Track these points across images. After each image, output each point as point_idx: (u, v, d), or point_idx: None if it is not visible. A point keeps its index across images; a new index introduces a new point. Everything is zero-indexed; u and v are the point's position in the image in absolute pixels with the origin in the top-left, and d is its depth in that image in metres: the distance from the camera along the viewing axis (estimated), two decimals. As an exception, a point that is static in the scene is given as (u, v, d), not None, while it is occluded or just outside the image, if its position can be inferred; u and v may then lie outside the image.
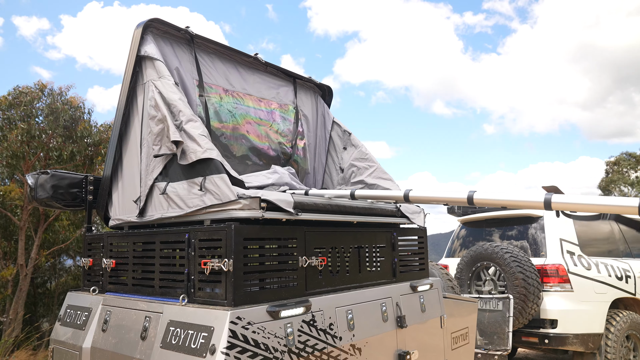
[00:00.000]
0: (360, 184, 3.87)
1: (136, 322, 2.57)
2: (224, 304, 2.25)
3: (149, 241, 2.75)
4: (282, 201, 2.46)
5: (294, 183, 3.40)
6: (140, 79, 3.06)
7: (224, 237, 2.31)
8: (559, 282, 5.37)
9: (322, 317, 2.57)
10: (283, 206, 2.45)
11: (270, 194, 2.43)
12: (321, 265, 2.72)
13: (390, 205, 3.39)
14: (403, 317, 3.13)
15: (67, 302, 3.19)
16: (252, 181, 3.05)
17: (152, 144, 2.80)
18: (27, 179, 3.14)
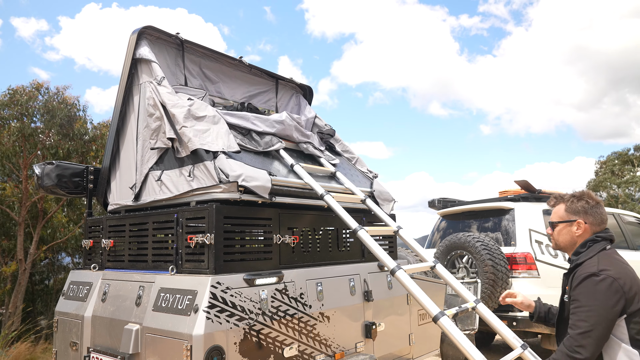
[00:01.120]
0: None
1: (131, 291, 2.95)
2: (206, 272, 2.64)
3: (142, 222, 3.14)
4: (260, 187, 2.85)
5: (296, 136, 3.76)
6: (136, 80, 3.45)
7: (206, 216, 2.70)
8: (526, 269, 5.77)
9: (294, 287, 2.96)
10: (259, 192, 2.84)
11: (252, 177, 2.81)
12: (293, 243, 3.11)
13: (364, 190, 3.79)
14: (370, 291, 3.51)
15: (70, 279, 3.57)
16: (259, 125, 3.46)
17: (148, 138, 3.19)
18: (35, 169, 3.52)
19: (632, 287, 2.02)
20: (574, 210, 2.26)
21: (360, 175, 4.13)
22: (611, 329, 2.03)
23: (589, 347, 1.99)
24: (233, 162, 2.83)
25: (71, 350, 3.27)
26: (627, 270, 2.08)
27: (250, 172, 2.81)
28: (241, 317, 2.59)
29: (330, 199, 3.11)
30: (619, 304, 2.00)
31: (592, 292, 2.02)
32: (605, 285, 2.00)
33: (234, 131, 3.30)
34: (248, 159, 3.08)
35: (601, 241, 2.20)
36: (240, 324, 2.57)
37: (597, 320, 1.99)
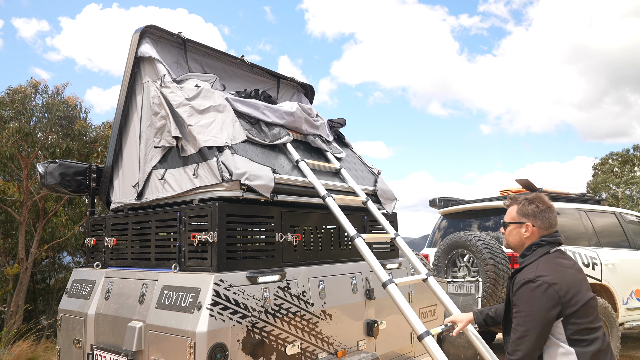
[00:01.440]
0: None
1: (135, 289, 2.96)
2: (209, 269, 2.66)
3: (145, 220, 3.16)
4: (262, 187, 2.86)
5: (305, 128, 3.75)
6: (139, 79, 3.46)
7: (209, 214, 2.71)
8: (528, 268, 5.77)
9: (296, 285, 2.97)
10: (262, 191, 2.85)
11: (256, 176, 2.81)
12: (296, 241, 3.12)
13: (367, 188, 3.80)
14: (372, 290, 3.53)
15: (73, 277, 3.59)
16: (269, 115, 3.47)
17: (152, 137, 3.20)
18: (38, 168, 3.53)
19: (569, 291, 2.09)
20: (524, 212, 2.32)
21: (365, 171, 4.12)
22: (548, 332, 2.12)
23: (525, 349, 2.10)
24: (238, 159, 2.83)
25: (75, 347, 3.29)
26: (565, 275, 2.13)
27: (255, 170, 2.81)
28: (244, 314, 2.60)
29: (331, 202, 3.11)
30: (554, 309, 2.08)
31: (529, 298, 2.11)
32: (540, 292, 2.08)
33: (243, 120, 3.29)
34: (253, 152, 3.09)
35: (546, 245, 2.25)
36: (243, 321, 2.58)
37: (533, 325, 2.09)
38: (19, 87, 12.22)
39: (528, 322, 2.09)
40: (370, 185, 3.93)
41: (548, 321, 2.08)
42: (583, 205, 6.91)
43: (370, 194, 3.81)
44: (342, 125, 4.28)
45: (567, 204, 6.71)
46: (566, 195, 7.02)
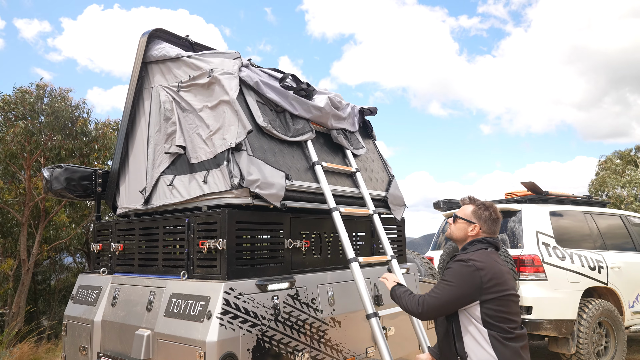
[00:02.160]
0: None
1: (142, 296, 2.93)
2: (218, 277, 2.62)
3: (153, 226, 3.12)
4: (272, 196, 2.80)
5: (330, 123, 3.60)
6: (147, 83, 3.43)
7: (219, 221, 2.68)
8: (534, 272, 5.74)
9: (305, 292, 2.94)
10: (271, 200, 2.80)
11: (267, 184, 2.75)
12: (305, 247, 3.08)
13: (378, 194, 3.77)
14: (380, 296, 3.49)
15: (78, 283, 3.55)
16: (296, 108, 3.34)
17: (162, 142, 3.17)
18: (43, 172, 3.50)
19: (492, 279, 2.30)
20: (478, 215, 2.55)
21: (381, 170, 4.06)
22: (456, 307, 2.35)
23: (429, 307, 2.38)
24: (254, 162, 2.77)
25: (80, 354, 3.26)
26: (493, 266, 2.36)
27: (268, 177, 2.75)
28: (254, 323, 2.57)
29: (337, 217, 3.09)
30: (473, 290, 2.29)
31: (456, 272, 2.36)
32: (468, 271, 2.32)
33: (268, 107, 3.20)
34: (271, 147, 3.03)
35: (486, 243, 2.49)
36: (253, 330, 2.55)
37: (448, 293, 2.33)
38: (26, 88, 12.21)
39: (446, 289, 2.34)
40: (382, 189, 3.89)
41: (462, 297, 2.31)
42: (588, 208, 6.87)
43: (380, 199, 3.77)
44: (373, 113, 4.13)
45: (572, 207, 6.68)
46: (571, 197, 6.99)
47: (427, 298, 2.41)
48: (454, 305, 2.35)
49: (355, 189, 3.54)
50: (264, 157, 2.91)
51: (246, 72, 3.10)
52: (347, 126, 3.81)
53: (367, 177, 3.73)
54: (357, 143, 3.89)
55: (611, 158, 26.14)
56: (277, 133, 3.12)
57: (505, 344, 2.28)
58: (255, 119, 3.03)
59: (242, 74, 3.04)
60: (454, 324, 2.40)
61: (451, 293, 2.32)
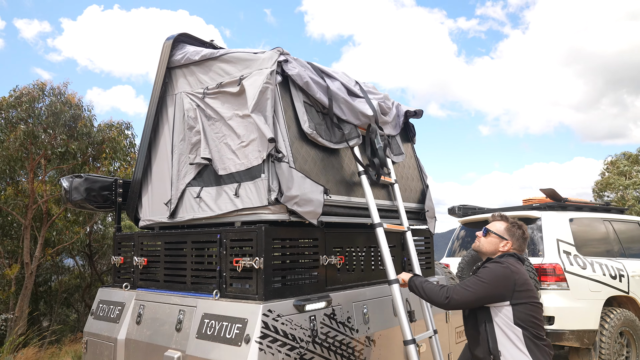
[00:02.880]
0: None
1: (170, 315, 2.79)
2: (255, 298, 2.49)
3: (180, 241, 2.98)
4: (310, 213, 2.63)
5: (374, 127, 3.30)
6: (170, 90, 3.29)
7: (254, 238, 2.54)
8: (555, 281, 5.61)
9: (341, 311, 2.80)
10: (308, 218, 2.63)
11: (306, 201, 2.58)
12: (339, 263, 2.95)
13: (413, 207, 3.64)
14: (412, 312, 3.36)
15: (99, 298, 3.41)
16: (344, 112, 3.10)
17: (187, 152, 3.03)
18: (62, 182, 3.36)
19: (524, 285, 2.44)
20: (511, 232, 2.66)
21: (417, 179, 3.89)
22: (485, 302, 2.46)
23: (460, 300, 2.47)
24: (294, 175, 2.59)
25: (102, 373, 3.12)
26: (526, 275, 2.50)
27: (307, 192, 2.59)
28: (292, 346, 2.44)
29: (380, 234, 2.95)
30: (504, 291, 2.41)
31: (491, 271, 2.46)
32: (503, 272, 2.44)
33: (315, 108, 2.97)
34: (312, 155, 2.84)
35: (516, 257, 2.59)
36: (291, 353, 2.42)
37: (480, 289, 2.43)
38: (25, 88, 12.04)
39: (479, 285, 2.44)
40: (416, 201, 3.74)
41: (494, 295, 2.42)
42: (607, 215, 6.76)
43: (413, 211, 3.64)
44: (418, 116, 3.89)
45: (591, 214, 6.56)
46: (590, 204, 6.88)
47: (457, 289, 2.50)
48: (482, 302, 2.47)
49: (388, 202, 3.40)
50: (305, 169, 2.74)
51: (297, 70, 2.84)
52: (389, 130, 3.57)
53: (402, 187, 3.59)
54: (397, 148, 3.68)
55: (619, 159, 25.96)
56: (322, 140, 2.90)
57: (538, 345, 2.39)
58: (301, 124, 2.82)
59: (292, 71, 2.81)
60: (487, 323, 2.49)
61: (484, 290, 2.43)
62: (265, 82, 2.71)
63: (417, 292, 2.70)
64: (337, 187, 2.98)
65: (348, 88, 3.26)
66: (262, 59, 2.81)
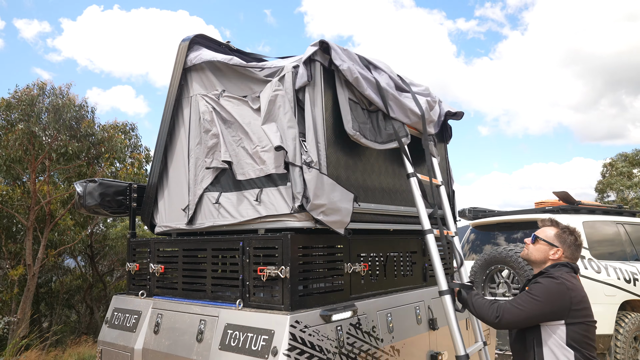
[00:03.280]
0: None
1: (190, 325, 2.71)
2: (280, 308, 2.40)
3: (200, 248, 2.90)
4: (336, 223, 2.50)
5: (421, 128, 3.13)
6: (186, 92, 3.21)
7: (280, 246, 2.46)
8: (570, 285, 5.54)
9: (367, 320, 2.72)
10: (334, 227, 2.50)
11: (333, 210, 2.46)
12: (364, 271, 2.87)
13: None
14: (435, 319, 3.28)
15: (113, 305, 3.33)
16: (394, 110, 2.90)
17: (203, 157, 2.94)
18: (76, 187, 3.28)
19: (581, 302, 2.24)
20: (562, 239, 2.45)
21: (445, 183, 3.71)
22: (537, 322, 2.27)
23: (510, 319, 2.28)
24: (324, 183, 2.45)
25: (118, 384, 3.04)
26: (582, 291, 2.30)
27: (336, 201, 2.47)
28: (320, 358, 2.35)
29: (431, 240, 2.77)
30: (559, 310, 2.22)
31: (545, 288, 2.25)
32: (558, 289, 2.24)
33: (361, 105, 2.76)
34: (347, 159, 2.71)
35: (570, 268, 2.39)
36: (319, 366, 2.33)
37: (533, 308, 2.24)
38: (25, 88, 11.95)
39: (532, 303, 2.24)
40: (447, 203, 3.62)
41: (547, 314, 2.23)
42: (620, 218, 6.68)
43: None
44: (458, 117, 3.63)
45: (604, 217, 6.48)
46: (602, 207, 6.80)
47: (507, 306, 2.31)
48: (535, 321, 2.28)
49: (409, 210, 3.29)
50: (337, 174, 2.62)
51: (347, 65, 2.64)
52: (431, 129, 3.37)
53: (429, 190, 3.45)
54: (435, 150, 3.49)
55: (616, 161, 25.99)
56: (366, 140, 2.69)
57: None
58: (344, 124, 2.62)
59: (343, 66, 2.60)
60: (535, 343, 2.32)
61: (537, 308, 2.24)
62: (274, 91, 2.62)
63: (466, 305, 2.53)
64: (366, 192, 2.88)
65: (395, 82, 3.05)
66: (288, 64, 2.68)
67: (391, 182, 3.16)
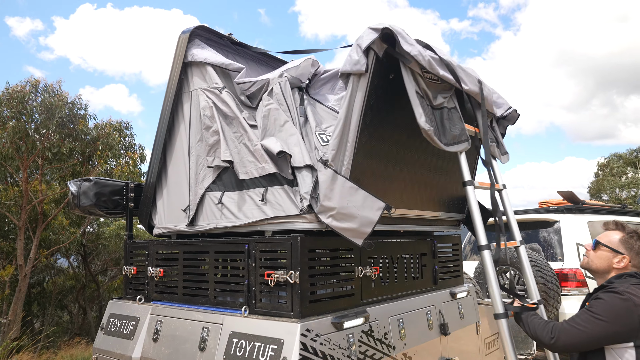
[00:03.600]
0: None
1: (192, 332, 2.55)
2: (289, 315, 2.26)
3: (202, 250, 2.75)
4: (351, 231, 2.24)
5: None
6: (186, 87, 3.05)
7: (289, 249, 2.31)
8: (576, 286, 5.43)
9: (378, 326, 2.58)
10: (348, 236, 2.24)
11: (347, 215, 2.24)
12: (374, 275, 2.73)
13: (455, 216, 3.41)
14: (446, 324, 3.15)
15: (109, 311, 3.17)
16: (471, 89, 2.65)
17: (204, 155, 2.79)
18: (70, 186, 3.11)
19: None
20: (629, 245, 2.20)
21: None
22: (601, 345, 2.03)
23: (568, 341, 2.06)
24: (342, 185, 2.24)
25: (115, 394, 2.88)
26: None
27: (351, 206, 2.22)
28: (331, 368, 2.21)
29: (488, 258, 2.57)
30: (628, 329, 1.96)
31: (607, 305, 2.01)
32: (623, 306, 1.97)
33: (426, 100, 2.41)
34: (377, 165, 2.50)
35: (638, 278, 2.13)
36: (331, 377, 2.19)
37: (594, 328, 2.00)
38: (17, 86, 11.71)
39: (594, 323, 2.00)
40: (457, 210, 3.48)
41: (611, 336, 1.98)
42: (624, 218, 6.59)
43: (452, 220, 3.42)
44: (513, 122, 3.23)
45: (608, 217, 6.39)
46: (606, 207, 6.71)
47: (565, 327, 2.09)
48: (597, 343, 2.02)
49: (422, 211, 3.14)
50: (362, 179, 2.40)
51: (418, 49, 2.30)
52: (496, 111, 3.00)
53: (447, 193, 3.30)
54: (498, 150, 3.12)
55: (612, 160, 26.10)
56: (437, 139, 2.37)
57: None
58: (417, 117, 2.31)
59: (413, 51, 2.26)
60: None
61: (599, 329, 1.99)
62: (266, 106, 2.54)
63: (522, 326, 2.32)
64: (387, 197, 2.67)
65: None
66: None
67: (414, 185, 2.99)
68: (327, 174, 2.24)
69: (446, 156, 3.09)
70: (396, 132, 2.62)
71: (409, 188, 2.84)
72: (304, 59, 2.90)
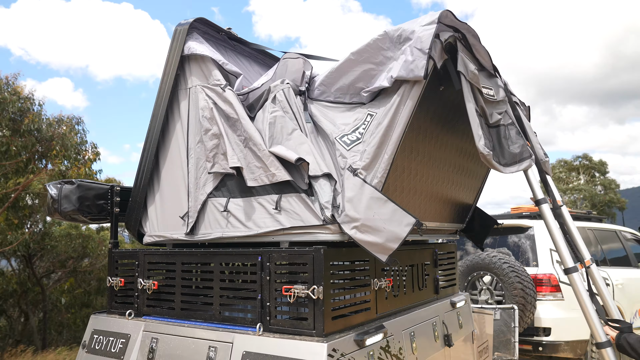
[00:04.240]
0: None
1: (196, 352, 2.34)
2: (312, 334, 2.09)
3: (205, 262, 2.53)
4: (375, 246, 2.07)
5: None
6: (183, 83, 2.82)
7: (310, 262, 2.14)
8: (550, 291, 5.55)
9: (394, 341, 2.47)
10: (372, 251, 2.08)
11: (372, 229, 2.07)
12: (388, 286, 2.61)
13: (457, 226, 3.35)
14: (450, 335, 3.08)
15: (92, 327, 2.87)
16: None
17: (204, 159, 2.58)
18: (49, 190, 2.80)
19: None
20: None
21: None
22: None
23: None
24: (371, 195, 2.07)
25: (101, 420, 2.61)
26: None
27: (377, 219, 2.06)
28: (356, 390, 2.07)
29: (579, 281, 2.50)
30: None
31: None
32: None
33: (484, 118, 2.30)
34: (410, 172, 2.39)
35: None
36: (355, 399, 2.05)
37: None
38: None
39: None
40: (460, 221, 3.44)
41: None
42: (589, 224, 6.83)
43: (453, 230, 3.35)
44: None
45: (577, 223, 6.59)
46: (572, 213, 6.93)
47: None
48: None
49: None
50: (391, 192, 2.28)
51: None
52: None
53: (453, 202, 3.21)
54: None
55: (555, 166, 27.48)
56: (495, 163, 2.25)
57: None
58: (476, 140, 2.20)
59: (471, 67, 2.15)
60: None
61: None
62: (271, 113, 2.36)
63: (626, 351, 2.20)
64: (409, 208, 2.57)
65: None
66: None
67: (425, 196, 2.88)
68: (355, 183, 2.09)
69: (455, 166, 3.02)
70: (422, 145, 2.51)
71: (422, 199, 2.74)
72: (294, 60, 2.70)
